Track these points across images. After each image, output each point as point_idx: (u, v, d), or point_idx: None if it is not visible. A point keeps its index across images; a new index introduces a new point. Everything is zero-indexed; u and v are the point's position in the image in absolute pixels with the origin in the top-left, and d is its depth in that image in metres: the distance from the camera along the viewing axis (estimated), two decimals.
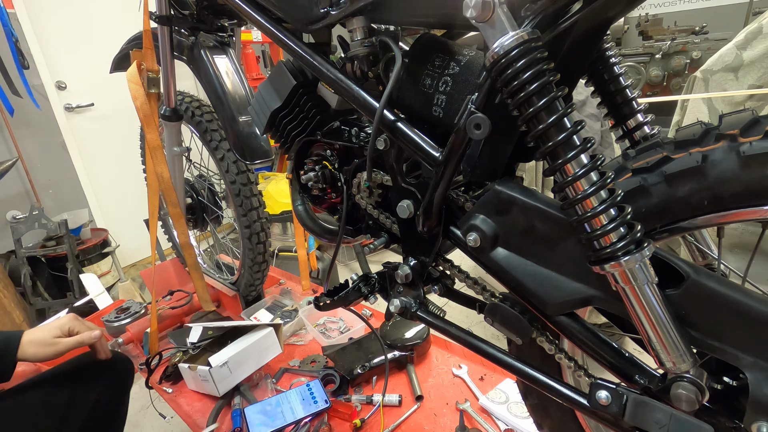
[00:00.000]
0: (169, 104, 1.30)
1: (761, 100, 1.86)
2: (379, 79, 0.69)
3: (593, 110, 1.90)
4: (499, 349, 0.67)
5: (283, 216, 2.65)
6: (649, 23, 3.77)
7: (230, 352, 1.30)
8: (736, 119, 0.47)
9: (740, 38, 1.92)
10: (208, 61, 1.24)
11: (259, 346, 1.35)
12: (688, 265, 0.49)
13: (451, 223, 0.66)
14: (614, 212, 0.48)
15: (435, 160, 0.61)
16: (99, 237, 2.79)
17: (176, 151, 1.40)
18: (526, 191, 0.58)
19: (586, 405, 0.57)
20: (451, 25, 0.71)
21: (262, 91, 0.83)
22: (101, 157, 3.18)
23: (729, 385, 0.53)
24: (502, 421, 1.15)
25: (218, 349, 1.33)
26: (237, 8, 0.78)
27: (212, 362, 1.27)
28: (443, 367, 1.39)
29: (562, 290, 0.56)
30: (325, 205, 0.92)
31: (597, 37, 0.61)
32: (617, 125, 0.71)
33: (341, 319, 1.67)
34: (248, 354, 1.33)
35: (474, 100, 0.54)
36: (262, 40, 3.56)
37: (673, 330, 0.49)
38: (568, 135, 0.48)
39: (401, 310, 0.74)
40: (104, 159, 3.19)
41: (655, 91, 3.42)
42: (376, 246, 0.81)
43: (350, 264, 3.15)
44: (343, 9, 0.64)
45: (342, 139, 0.79)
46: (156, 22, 1.17)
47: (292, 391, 1.25)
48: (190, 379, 1.36)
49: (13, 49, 2.50)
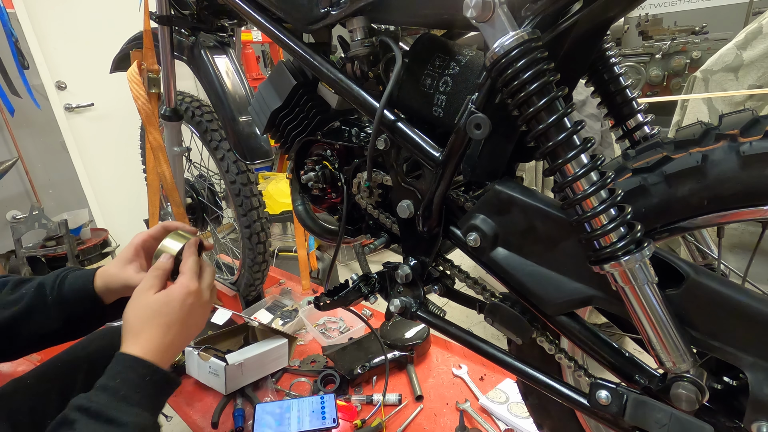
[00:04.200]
0: (170, 104, 1.30)
1: (761, 100, 1.86)
2: (379, 79, 0.69)
3: (593, 110, 1.90)
4: (499, 349, 0.67)
5: (283, 216, 2.65)
6: (649, 23, 3.77)
7: (247, 354, 1.31)
8: (736, 119, 0.47)
9: (740, 38, 1.91)
10: (208, 61, 1.24)
11: (272, 354, 1.37)
12: (688, 265, 0.49)
13: (451, 223, 0.66)
14: (614, 212, 0.48)
15: (435, 160, 0.61)
16: (99, 237, 2.79)
17: (176, 151, 1.40)
18: (526, 191, 0.58)
19: (586, 405, 0.57)
20: (451, 25, 0.72)
21: (262, 91, 0.83)
22: (101, 157, 3.18)
23: (729, 385, 0.53)
24: (502, 421, 1.15)
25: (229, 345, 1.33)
26: (237, 8, 0.78)
27: (229, 360, 1.27)
28: (443, 367, 1.39)
29: (562, 290, 0.56)
30: (325, 205, 0.91)
31: (597, 37, 0.61)
32: (617, 125, 0.71)
33: (341, 319, 1.67)
34: (261, 360, 1.34)
35: (474, 100, 0.54)
36: (262, 40, 3.56)
37: (673, 330, 0.49)
38: (568, 135, 0.48)
39: (401, 310, 0.74)
40: (104, 159, 3.19)
41: (655, 91, 3.42)
42: (376, 246, 0.81)
43: (350, 264, 3.15)
44: (343, 9, 0.64)
45: (342, 139, 0.79)
46: (156, 22, 1.17)
47: (306, 399, 1.23)
48: (195, 366, 1.36)
49: (13, 49, 2.50)
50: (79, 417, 0.57)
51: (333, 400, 1.21)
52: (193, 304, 0.68)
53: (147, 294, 0.67)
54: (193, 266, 0.73)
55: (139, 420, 0.59)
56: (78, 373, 0.87)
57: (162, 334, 0.65)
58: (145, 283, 0.69)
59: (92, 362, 0.88)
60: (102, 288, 0.78)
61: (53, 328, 0.77)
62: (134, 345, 0.64)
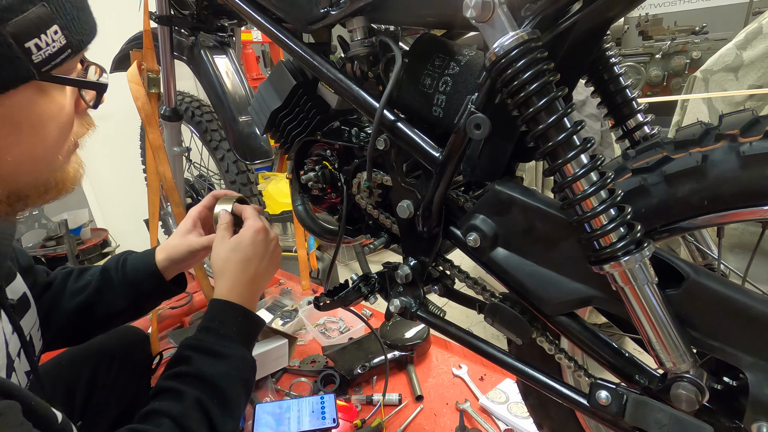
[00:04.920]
0: (169, 104, 1.30)
1: (761, 100, 1.86)
2: (379, 79, 0.69)
3: (593, 110, 1.90)
4: (499, 349, 0.67)
5: (283, 216, 2.64)
6: (649, 23, 3.77)
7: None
8: (736, 119, 0.47)
9: (740, 38, 1.92)
10: (208, 61, 1.24)
11: (272, 354, 1.37)
12: (688, 265, 0.49)
13: (451, 223, 0.66)
14: (614, 212, 0.48)
15: (435, 160, 0.61)
16: (99, 237, 2.79)
17: (176, 151, 1.40)
18: (526, 191, 0.58)
19: (586, 405, 0.57)
20: (451, 25, 0.71)
21: (262, 91, 0.83)
22: (101, 157, 3.17)
23: (729, 385, 0.53)
24: (502, 421, 1.15)
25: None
26: (237, 8, 0.78)
27: None
28: (443, 367, 1.39)
29: (562, 290, 0.56)
30: (325, 205, 0.91)
31: (597, 37, 0.61)
32: (617, 125, 0.71)
33: (341, 319, 1.67)
34: (261, 360, 1.33)
35: (474, 100, 0.54)
36: (262, 40, 3.55)
37: (673, 330, 0.49)
38: (568, 135, 0.48)
39: (401, 310, 0.74)
40: (104, 159, 3.19)
41: (655, 91, 3.42)
42: (376, 246, 0.81)
43: (350, 264, 3.15)
44: (343, 9, 0.64)
45: (342, 139, 0.79)
46: (156, 22, 1.17)
47: (305, 399, 1.23)
48: None
49: None
50: (192, 353, 0.68)
51: (333, 400, 1.21)
52: (264, 240, 0.78)
53: (222, 242, 0.78)
54: (253, 211, 0.83)
55: (240, 353, 0.71)
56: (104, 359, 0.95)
57: (242, 269, 0.75)
58: (218, 235, 0.80)
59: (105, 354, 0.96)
60: (164, 262, 0.87)
61: (122, 308, 0.86)
62: (223, 287, 0.74)
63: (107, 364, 0.93)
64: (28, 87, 0.48)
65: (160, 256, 0.87)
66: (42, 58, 0.47)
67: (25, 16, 0.45)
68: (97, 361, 0.92)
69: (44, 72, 0.48)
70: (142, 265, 0.87)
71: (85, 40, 0.53)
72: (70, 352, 0.95)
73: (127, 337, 1.01)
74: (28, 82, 0.48)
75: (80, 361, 0.92)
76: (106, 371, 0.92)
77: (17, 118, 0.49)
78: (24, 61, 0.46)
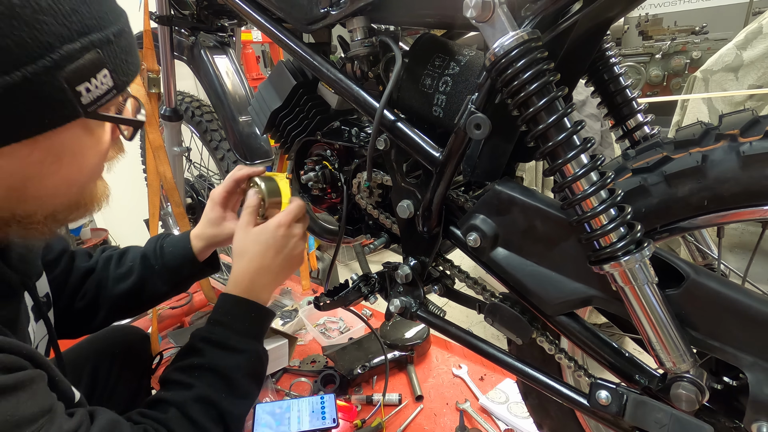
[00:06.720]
0: (169, 104, 1.30)
1: (761, 100, 1.86)
2: (379, 79, 0.69)
3: (593, 110, 1.90)
4: (499, 349, 0.67)
5: None
6: (649, 23, 3.77)
7: None
8: (736, 119, 0.47)
9: (740, 38, 1.92)
10: (208, 61, 1.24)
11: (272, 354, 1.35)
12: (688, 265, 0.49)
13: (451, 223, 0.66)
14: (614, 212, 0.48)
15: (435, 160, 0.61)
16: (99, 237, 2.79)
17: (176, 151, 1.40)
18: (526, 191, 0.58)
19: (586, 405, 0.57)
20: (451, 25, 0.71)
21: (262, 91, 0.83)
22: None
23: (729, 385, 0.53)
24: (502, 421, 1.15)
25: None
26: (237, 8, 0.78)
27: None
28: (443, 367, 1.39)
29: (562, 290, 0.56)
30: (325, 205, 0.92)
31: (597, 37, 0.61)
32: (617, 125, 0.71)
33: (341, 319, 1.67)
34: None
35: (474, 100, 0.54)
36: (262, 40, 3.55)
37: (673, 330, 0.49)
38: (568, 135, 0.48)
39: (401, 310, 0.74)
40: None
41: (655, 91, 3.42)
42: (376, 246, 0.81)
43: (350, 264, 3.15)
44: (343, 9, 0.64)
45: (342, 139, 0.79)
46: (156, 22, 1.17)
47: (305, 399, 1.22)
48: None
49: None
50: (204, 346, 0.69)
51: (333, 400, 1.21)
52: (285, 235, 0.78)
53: (246, 230, 0.79)
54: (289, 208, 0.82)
55: (253, 347, 0.73)
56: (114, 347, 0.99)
57: (260, 257, 0.76)
58: (242, 221, 0.81)
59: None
60: (202, 250, 0.90)
61: (163, 291, 0.91)
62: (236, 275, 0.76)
63: (107, 364, 0.95)
64: (74, 124, 0.50)
65: (198, 244, 0.90)
66: (90, 100, 0.49)
67: (79, 62, 0.47)
68: (97, 361, 0.94)
69: (90, 111, 0.50)
70: (179, 251, 0.90)
71: (129, 81, 0.55)
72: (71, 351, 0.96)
73: (127, 337, 1.02)
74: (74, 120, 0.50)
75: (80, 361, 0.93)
76: (106, 371, 0.94)
77: (60, 150, 0.52)
78: (74, 103, 0.48)
